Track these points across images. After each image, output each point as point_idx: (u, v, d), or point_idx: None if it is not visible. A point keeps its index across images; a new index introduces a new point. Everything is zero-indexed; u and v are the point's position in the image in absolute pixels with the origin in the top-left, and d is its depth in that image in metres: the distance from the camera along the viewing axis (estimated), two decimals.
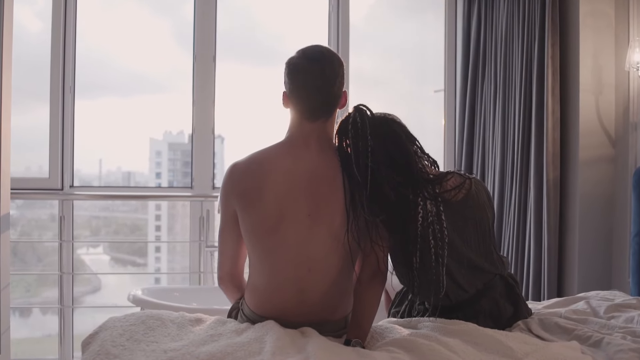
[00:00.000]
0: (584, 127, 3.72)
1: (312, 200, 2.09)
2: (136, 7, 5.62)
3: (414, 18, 5.16)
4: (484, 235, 2.33)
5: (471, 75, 4.37)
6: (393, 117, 2.33)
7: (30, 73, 4.49)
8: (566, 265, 3.80)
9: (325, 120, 2.19)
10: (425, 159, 2.31)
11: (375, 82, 5.04)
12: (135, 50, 5.32)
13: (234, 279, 2.33)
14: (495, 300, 2.32)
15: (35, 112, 4.66)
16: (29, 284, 6.11)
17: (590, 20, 3.72)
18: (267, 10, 5.24)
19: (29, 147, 4.53)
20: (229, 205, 2.18)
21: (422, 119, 5.18)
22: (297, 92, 2.17)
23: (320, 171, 2.12)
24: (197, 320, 2.12)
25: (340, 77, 2.20)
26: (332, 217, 2.09)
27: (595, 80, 3.72)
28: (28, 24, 4.92)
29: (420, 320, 2.25)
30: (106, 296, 7.33)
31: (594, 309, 2.49)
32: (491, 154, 4.22)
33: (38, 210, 6.80)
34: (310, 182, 2.10)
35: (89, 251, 7.06)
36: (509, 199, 4.05)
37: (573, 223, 3.75)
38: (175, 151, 8.31)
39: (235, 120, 4.82)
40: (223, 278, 2.34)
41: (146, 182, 7.78)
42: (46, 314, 5.48)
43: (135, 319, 2.02)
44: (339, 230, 2.08)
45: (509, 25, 4.10)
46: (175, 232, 7.90)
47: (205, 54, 4.49)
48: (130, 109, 5.58)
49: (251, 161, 2.16)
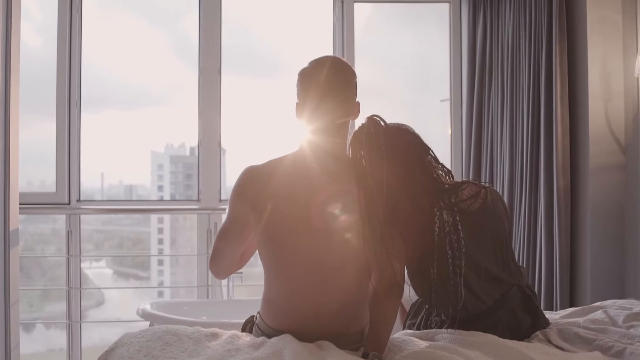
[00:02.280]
0: (593, 135, 3.70)
1: (327, 212, 2.07)
2: (134, 19, 5.62)
3: (414, 27, 5.15)
4: (501, 245, 2.31)
5: (477, 84, 4.35)
6: (407, 127, 2.32)
7: (30, 88, 4.49)
8: (578, 274, 3.77)
9: (338, 133, 2.17)
10: (440, 169, 2.30)
11: (376, 91, 5.03)
12: (133, 62, 5.33)
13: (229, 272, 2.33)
14: (513, 311, 2.29)
15: (35, 127, 4.65)
16: (31, 299, 6.09)
17: (597, 27, 3.71)
18: (266, 23, 5.24)
19: (30, 161, 4.52)
20: (240, 208, 2.14)
21: (427, 128, 5.17)
22: (310, 102, 2.15)
23: (334, 182, 2.10)
24: (212, 335, 2.10)
25: (353, 86, 2.19)
26: (347, 229, 2.07)
27: (604, 87, 3.71)
28: (27, 39, 4.92)
29: (437, 332, 2.22)
30: (110, 310, 7.31)
31: (612, 318, 2.46)
32: (499, 163, 4.20)
33: (41, 225, 6.78)
34: (325, 194, 2.08)
35: (91, 265, 7.04)
36: (518, 208, 4.03)
37: (584, 231, 3.73)
38: (177, 164, 8.30)
39: (236, 132, 4.81)
40: (219, 273, 2.30)
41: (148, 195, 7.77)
42: (50, 329, 5.46)
43: (152, 335, 2.00)
44: (355, 242, 2.06)
45: (516, 33, 4.09)
46: (178, 244, 7.88)
47: (211, 67, 4.49)
48: (130, 122, 5.58)
49: (266, 170, 2.14)
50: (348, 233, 2.07)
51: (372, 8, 4.93)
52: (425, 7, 4.94)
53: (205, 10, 4.51)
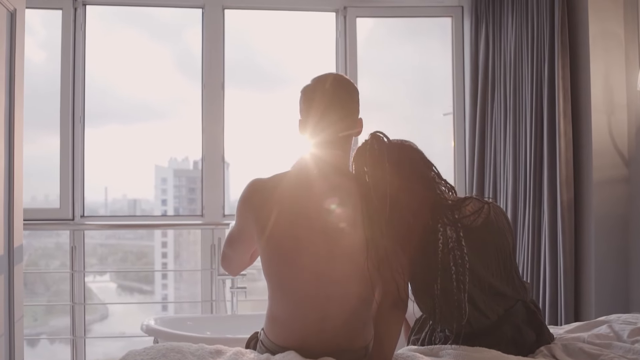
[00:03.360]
0: (596, 148, 3.69)
1: (330, 229, 2.07)
2: (136, 33, 5.65)
3: (416, 40, 5.17)
4: (504, 261, 2.31)
5: (480, 98, 4.36)
6: (410, 144, 2.33)
7: (34, 103, 4.51)
8: (583, 287, 3.76)
9: (341, 147, 2.19)
10: (443, 185, 2.30)
11: (378, 105, 5.04)
12: (137, 77, 5.35)
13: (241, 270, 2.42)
14: (518, 327, 2.29)
15: (40, 142, 4.67)
16: (36, 313, 6.10)
17: (600, 40, 3.71)
18: (269, 37, 5.27)
19: (35, 176, 4.53)
20: (245, 220, 2.17)
21: (430, 141, 5.17)
22: (313, 118, 2.17)
23: (337, 198, 2.10)
24: (217, 351, 2.10)
25: (355, 101, 2.21)
26: (350, 245, 2.07)
27: (606, 101, 3.71)
28: (31, 54, 4.95)
29: (442, 348, 2.22)
30: (113, 324, 7.31)
31: (617, 332, 2.45)
32: (503, 176, 4.20)
33: (45, 239, 6.80)
34: (328, 210, 2.08)
35: (95, 279, 7.06)
36: (522, 222, 4.02)
37: (588, 245, 3.72)
38: (181, 178, 8.34)
39: (240, 146, 4.83)
40: (231, 273, 2.43)
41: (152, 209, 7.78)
42: (54, 343, 5.45)
43: (156, 352, 2.00)
44: (358, 259, 2.06)
45: (518, 47, 4.09)
46: (182, 259, 7.90)
47: (214, 81, 4.51)
48: (134, 136, 5.61)
49: (270, 184, 2.15)
50: (351, 248, 2.07)
51: (374, 22, 4.95)
52: (428, 21, 4.95)
53: (208, 25, 4.53)
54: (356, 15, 4.63)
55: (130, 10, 4.87)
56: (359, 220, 2.08)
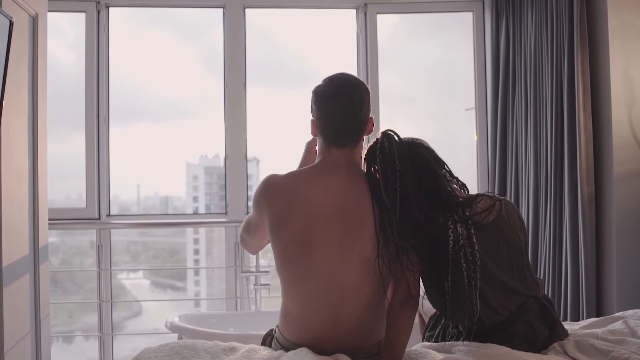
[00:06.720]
0: (617, 141, 3.66)
1: (342, 227, 2.10)
2: (164, 32, 5.71)
3: (439, 35, 5.16)
4: (516, 257, 2.31)
5: (501, 93, 4.36)
6: (421, 142, 2.34)
7: (64, 103, 4.60)
8: (604, 283, 3.74)
9: (353, 147, 2.21)
10: (454, 182, 2.30)
11: (403, 100, 5.05)
12: (163, 76, 5.40)
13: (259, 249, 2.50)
14: (530, 323, 2.29)
15: (67, 141, 4.75)
16: (71, 310, 6.21)
17: (619, 33, 3.68)
18: (291, 33, 5.30)
19: (63, 175, 4.62)
20: (260, 214, 2.21)
21: (453, 136, 5.17)
22: (325, 119, 2.20)
23: (349, 197, 2.13)
24: (230, 349, 2.13)
25: (367, 103, 2.22)
26: (362, 243, 2.10)
27: (627, 94, 3.67)
28: (61, 56, 5.03)
29: (454, 344, 2.23)
30: (147, 320, 7.41)
31: (632, 328, 2.43)
32: (524, 171, 4.19)
33: (79, 237, 6.92)
34: (340, 209, 2.11)
35: (129, 276, 7.15)
36: (543, 216, 4.00)
37: (610, 239, 3.69)
38: (212, 175, 8.40)
39: (268, 142, 4.86)
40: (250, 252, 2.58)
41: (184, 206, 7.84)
42: (89, 340, 5.55)
43: (170, 350, 2.04)
44: (370, 256, 2.08)
45: (538, 42, 4.08)
46: (214, 255, 7.95)
47: (236, 80, 4.55)
48: (164, 134, 5.66)
49: (285, 182, 2.17)
50: (363, 247, 2.09)
51: (399, 17, 4.96)
52: (450, 16, 4.95)
53: (229, 25, 4.58)
54: (376, 11, 4.65)
55: (157, 10, 4.92)
56: (371, 219, 2.10)
